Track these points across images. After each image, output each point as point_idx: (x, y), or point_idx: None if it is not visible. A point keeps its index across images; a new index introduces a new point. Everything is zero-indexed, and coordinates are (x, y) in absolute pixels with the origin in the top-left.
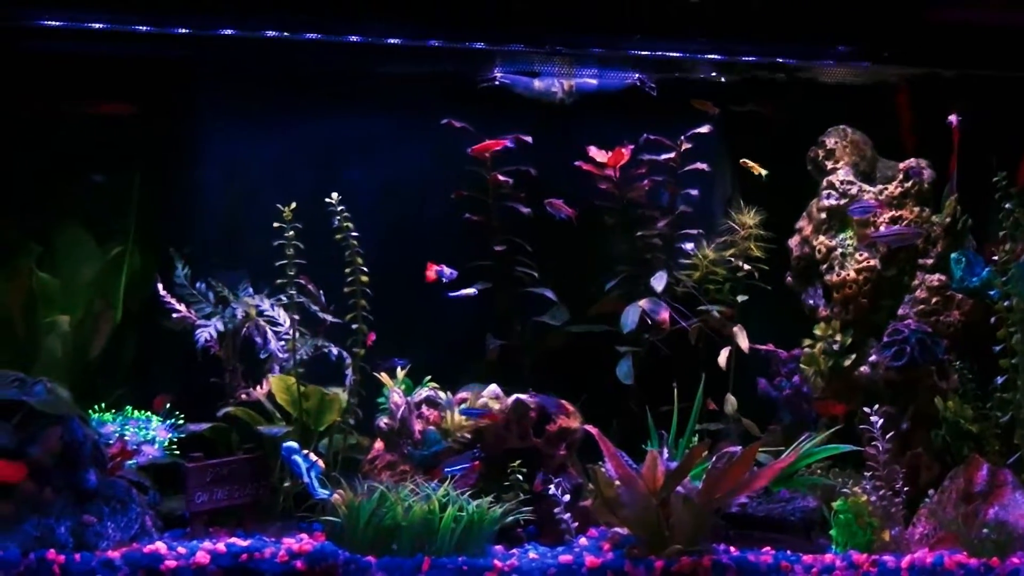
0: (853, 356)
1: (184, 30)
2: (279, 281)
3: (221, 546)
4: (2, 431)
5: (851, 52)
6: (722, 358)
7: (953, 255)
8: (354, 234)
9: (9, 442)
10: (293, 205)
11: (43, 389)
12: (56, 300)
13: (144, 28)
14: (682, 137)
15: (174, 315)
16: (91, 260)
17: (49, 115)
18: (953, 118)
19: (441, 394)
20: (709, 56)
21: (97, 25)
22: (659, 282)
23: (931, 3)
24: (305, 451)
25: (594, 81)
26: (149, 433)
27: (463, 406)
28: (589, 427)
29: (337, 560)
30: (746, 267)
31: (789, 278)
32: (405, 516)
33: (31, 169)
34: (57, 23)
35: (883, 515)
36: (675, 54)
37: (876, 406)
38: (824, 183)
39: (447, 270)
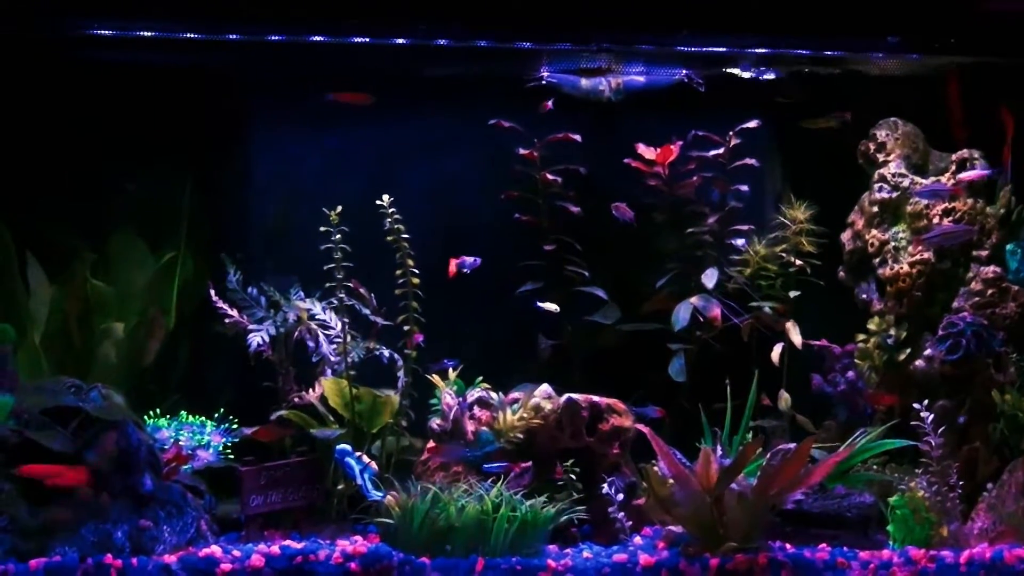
0: (908, 350)
1: (234, 36)
2: (329, 284)
3: (276, 549)
4: (59, 437)
5: (901, 43)
6: (775, 354)
7: (1008, 246)
8: (405, 236)
9: (66, 448)
10: (339, 208)
11: (98, 395)
12: (110, 307)
13: (194, 35)
14: (731, 132)
15: (226, 320)
16: (144, 267)
17: (101, 123)
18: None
19: (493, 394)
20: (757, 50)
21: (148, 33)
22: (710, 279)
23: None
24: (358, 453)
25: (641, 78)
26: (204, 438)
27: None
28: (640, 427)
29: (392, 561)
30: (798, 262)
31: (842, 273)
32: (459, 517)
33: (84, 176)
34: (109, 32)
35: (941, 510)
36: (723, 49)
37: (928, 401)
38: (875, 176)
39: (468, 259)
